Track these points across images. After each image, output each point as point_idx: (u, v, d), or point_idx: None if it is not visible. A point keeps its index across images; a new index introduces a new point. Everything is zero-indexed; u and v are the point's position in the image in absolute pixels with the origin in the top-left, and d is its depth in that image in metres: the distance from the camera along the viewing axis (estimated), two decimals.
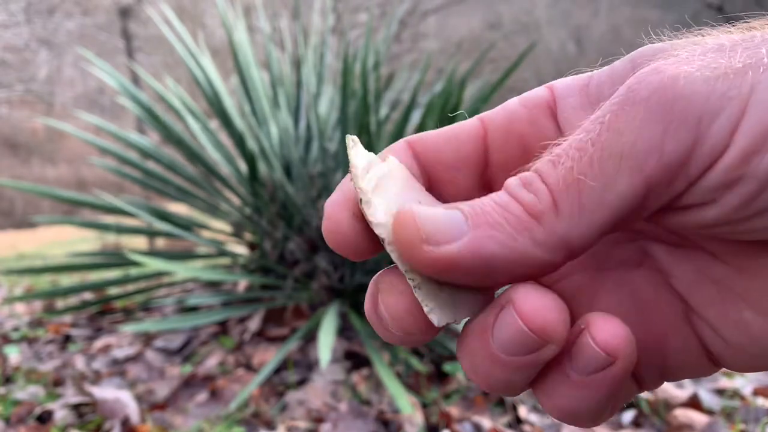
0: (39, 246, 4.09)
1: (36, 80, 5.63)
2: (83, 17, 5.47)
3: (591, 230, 0.17)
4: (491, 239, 0.17)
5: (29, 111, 5.81)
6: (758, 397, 1.12)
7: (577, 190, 0.17)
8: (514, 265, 0.17)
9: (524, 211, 0.17)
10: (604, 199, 0.17)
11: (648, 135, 0.17)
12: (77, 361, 1.28)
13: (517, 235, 0.17)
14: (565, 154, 0.17)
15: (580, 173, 0.17)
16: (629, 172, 0.17)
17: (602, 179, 0.17)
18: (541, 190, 0.17)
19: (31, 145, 6.54)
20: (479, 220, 0.17)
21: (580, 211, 0.17)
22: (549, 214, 0.17)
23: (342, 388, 1.13)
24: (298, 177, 1.48)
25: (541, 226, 0.17)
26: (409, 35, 6.17)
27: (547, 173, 0.17)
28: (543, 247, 0.17)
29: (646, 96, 0.17)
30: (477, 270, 0.17)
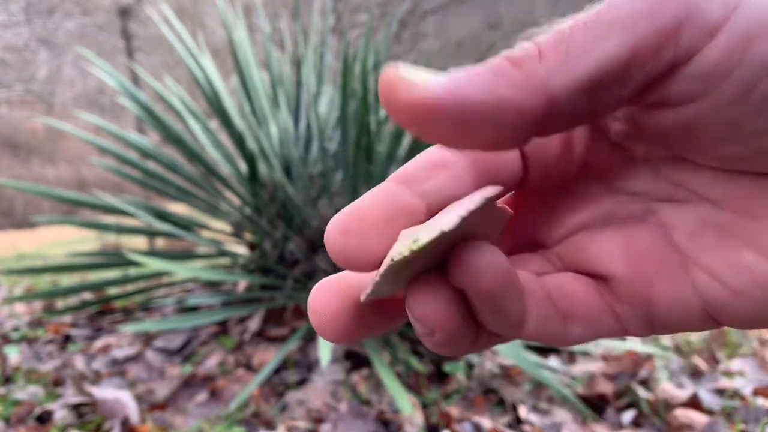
0: (39, 246, 4.09)
1: (36, 80, 5.63)
2: (83, 17, 5.47)
3: (572, 81, 0.17)
4: (470, 84, 0.16)
5: (29, 111, 5.81)
6: (758, 397, 1.12)
7: (564, 44, 0.17)
8: (491, 108, 0.16)
9: (508, 61, 0.17)
10: (588, 54, 0.17)
11: (643, 4, 0.17)
12: (77, 361, 1.28)
13: (496, 79, 0.17)
14: (562, 24, 0.17)
15: (572, 33, 0.17)
16: (619, 33, 0.17)
17: (592, 36, 0.17)
18: (530, 46, 0.17)
19: (30, 145, 6.54)
20: (463, 71, 0.17)
21: (563, 61, 0.17)
22: (531, 59, 0.17)
23: (342, 388, 1.13)
24: (298, 177, 1.48)
25: (520, 70, 0.17)
26: (409, 35, 6.17)
27: (541, 37, 0.18)
28: (520, 89, 0.17)
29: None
30: (454, 115, 0.16)
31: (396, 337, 1.27)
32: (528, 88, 0.17)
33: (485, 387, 1.16)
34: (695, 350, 1.40)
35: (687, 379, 1.22)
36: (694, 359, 1.31)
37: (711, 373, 1.25)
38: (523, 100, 0.17)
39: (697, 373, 1.25)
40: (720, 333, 1.46)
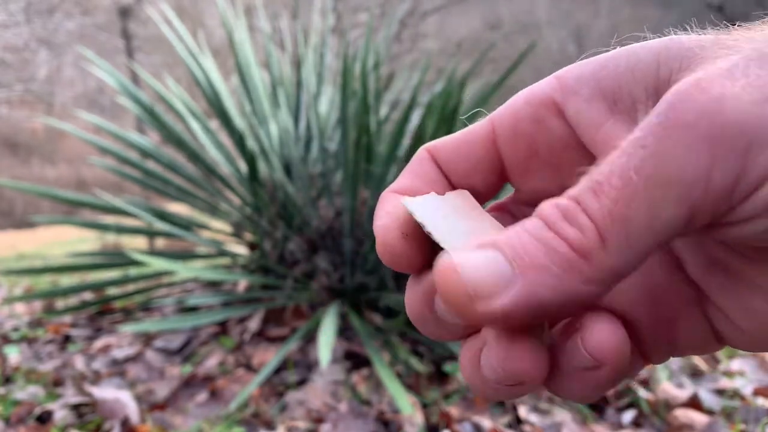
0: (39, 246, 4.09)
1: (36, 80, 5.63)
2: (83, 17, 5.47)
3: (638, 257, 0.17)
4: (541, 285, 0.16)
5: (29, 111, 5.80)
6: (758, 397, 1.12)
7: (623, 221, 0.16)
8: (567, 305, 0.17)
9: (570, 249, 0.16)
10: (650, 229, 0.16)
11: (695, 163, 0.16)
12: (77, 361, 1.28)
13: (567, 276, 0.16)
14: (608, 183, 0.17)
15: (626, 204, 0.16)
16: (676, 200, 0.16)
17: (648, 208, 0.16)
18: (585, 224, 0.17)
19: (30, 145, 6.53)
20: (524, 262, 0.17)
21: (627, 243, 0.16)
22: (597, 249, 0.16)
23: (342, 388, 1.13)
24: (298, 177, 1.48)
25: (589, 264, 0.16)
26: (409, 35, 6.17)
27: (589, 204, 0.17)
28: (594, 284, 0.17)
29: (692, 121, 0.16)
30: (530, 317, 0.17)
31: (396, 337, 1.27)
32: (599, 281, 0.17)
33: None
34: None
35: (687, 379, 1.22)
36: (694, 359, 1.31)
37: (711, 373, 1.25)
38: (596, 290, 0.17)
39: (698, 373, 1.25)
40: None
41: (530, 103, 0.21)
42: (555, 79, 0.21)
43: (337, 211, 1.42)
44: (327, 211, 1.43)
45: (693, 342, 0.21)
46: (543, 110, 0.21)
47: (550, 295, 0.16)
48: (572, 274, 0.16)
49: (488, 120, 0.22)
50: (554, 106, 0.21)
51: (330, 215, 1.42)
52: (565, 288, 0.16)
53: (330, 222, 1.42)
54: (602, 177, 0.17)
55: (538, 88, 0.22)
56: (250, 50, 1.65)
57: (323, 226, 1.42)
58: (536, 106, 0.21)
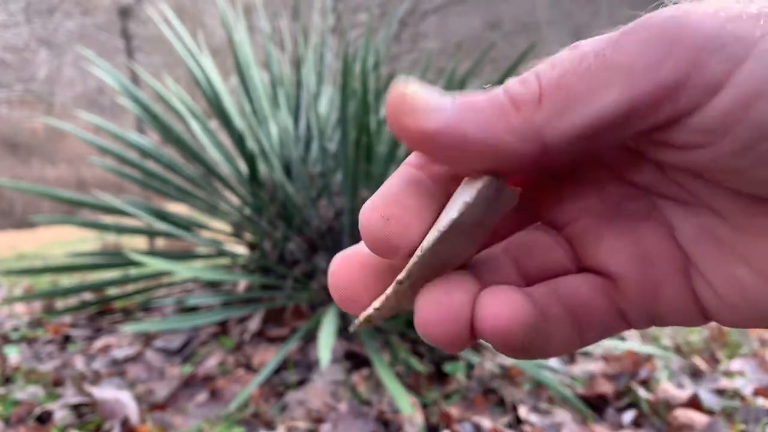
0: (39, 246, 4.09)
1: (35, 80, 5.63)
2: (83, 17, 5.47)
3: (568, 129, 0.17)
4: (470, 120, 0.17)
5: (29, 111, 5.81)
6: (758, 398, 1.12)
7: (565, 89, 0.17)
8: (487, 148, 0.17)
9: (507, 98, 0.18)
10: (588, 103, 0.17)
11: (648, 55, 0.17)
12: (77, 362, 1.28)
13: (494, 119, 0.17)
14: (567, 59, 0.18)
15: (574, 77, 0.17)
16: (620, 84, 0.17)
17: (593, 85, 0.17)
18: (531, 83, 0.18)
19: (30, 145, 6.54)
20: (465, 103, 0.18)
21: (562, 109, 0.17)
22: (531, 104, 0.17)
23: (342, 388, 1.13)
24: (298, 177, 1.48)
25: (518, 115, 0.17)
26: (409, 35, 6.17)
27: (544, 72, 0.18)
28: (516, 134, 0.17)
29: (657, 22, 0.17)
30: (452, 147, 0.18)
31: (396, 337, 1.27)
32: (523, 135, 0.17)
33: (485, 387, 1.16)
34: (695, 350, 1.40)
35: (687, 379, 1.22)
36: (694, 359, 1.31)
37: (711, 373, 1.25)
38: (518, 144, 0.17)
39: (698, 373, 1.25)
40: (720, 333, 1.46)
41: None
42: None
43: (337, 211, 1.42)
44: (327, 211, 1.43)
45: (676, 309, 0.21)
46: None
47: (474, 130, 0.17)
48: (499, 119, 0.17)
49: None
50: None
51: (330, 215, 1.42)
52: (489, 129, 0.17)
53: (330, 222, 1.42)
54: (564, 55, 0.18)
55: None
56: (250, 50, 1.65)
57: (323, 226, 1.42)
58: None
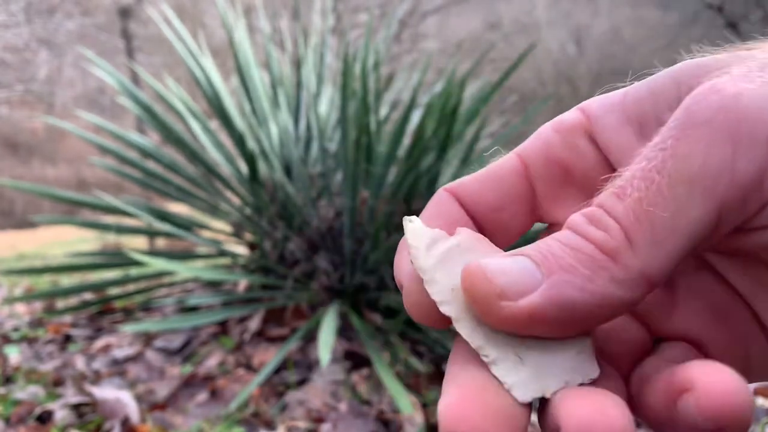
0: (39, 246, 4.10)
1: (36, 80, 5.63)
2: (83, 17, 5.47)
3: (668, 260, 0.16)
4: (568, 284, 0.16)
5: (29, 111, 5.80)
6: (758, 397, 1.12)
7: (648, 221, 0.16)
8: (596, 308, 0.16)
9: (597, 249, 0.16)
10: (677, 227, 0.16)
11: (717, 156, 0.16)
12: (77, 361, 1.28)
13: (594, 277, 0.16)
14: (630, 186, 0.17)
15: (650, 204, 0.16)
16: (701, 196, 0.16)
17: (674, 207, 0.16)
18: (610, 225, 0.17)
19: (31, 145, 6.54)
20: (551, 264, 0.17)
21: (655, 243, 0.16)
22: (624, 249, 0.16)
23: (342, 388, 1.13)
24: (298, 177, 1.48)
25: (617, 264, 0.16)
26: (409, 35, 6.18)
27: (613, 207, 0.17)
28: (623, 285, 0.16)
29: (709, 117, 0.16)
30: (559, 319, 0.16)
31: (396, 337, 1.27)
32: (628, 282, 0.16)
33: None
34: None
35: None
36: None
37: None
38: (629, 294, 0.16)
39: None
40: None
41: (559, 131, 0.21)
42: (579, 110, 0.21)
43: (337, 211, 1.42)
44: (327, 211, 1.43)
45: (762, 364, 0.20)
46: (574, 136, 0.21)
47: (578, 295, 0.16)
48: (600, 274, 0.16)
49: (514, 154, 0.22)
50: (585, 132, 0.21)
51: (330, 215, 1.42)
52: (593, 288, 0.16)
53: (330, 222, 1.42)
54: (624, 181, 0.17)
55: (564, 117, 0.22)
56: (250, 50, 1.65)
57: (323, 226, 1.42)
58: (566, 133, 0.21)
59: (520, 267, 0.17)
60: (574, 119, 0.21)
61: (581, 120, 0.21)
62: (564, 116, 0.22)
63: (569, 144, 0.21)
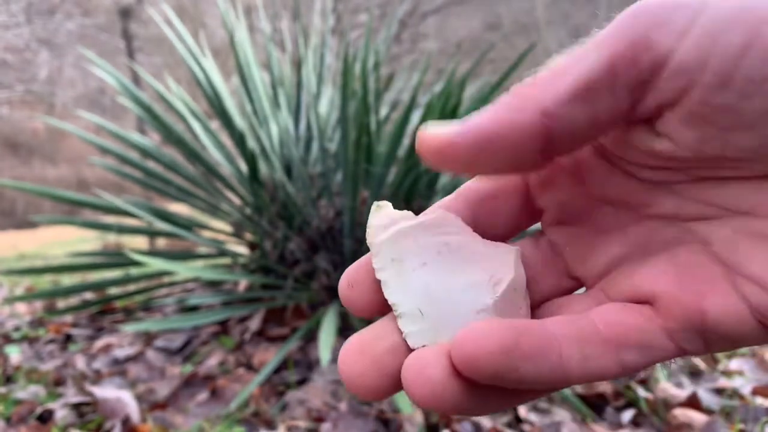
0: (40, 246, 4.10)
1: (36, 80, 5.63)
2: (84, 18, 5.47)
3: (561, 93, 0.19)
4: (481, 118, 0.19)
5: (30, 111, 5.81)
6: (757, 397, 1.12)
7: (553, 68, 0.19)
8: (498, 133, 0.19)
9: (510, 92, 0.20)
10: (572, 70, 0.19)
11: (618, 27, 0.19)
12: (78, 361, 1.29)
13: (500, 107, 0.19)
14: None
15: (561, 58, 0.20)
16: (596, 50, 0.19)
17: (574, 57, 0.19)
18: (530, 77, 0.20)
19: (31, 145, 6.54)
20: (479, 113, 0.20)
21: (552, 80, 0.19)
22: (527, 86, 0.19)
23: (342, 387, 1.13)
24: (298, 177, 1.48)
25: (517, 96, 0.19)
26: (409, 36, 6.18)
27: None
28: (518, 110, 0.19)
29: (629, 11, 0.19)
30: (470, 145, 0.19)
31: None
32: (524, 108, 0.19)
33: None
34: None
35: (686, 378, 1.22)
36: (693, 359, 1.31)
37: (710, 372, 1.25)
38: (522, 118, 0.19)
39: (697, 372, 1.25)
40: None
41: None
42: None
43: (337, 211, 1.43)
44: (327, 211, 1.43)
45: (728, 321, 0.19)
46: None
47: (485, 123, 0.19)
48: (502, 106, 0.19)
49: None
50: None
51: (330, 215, 1.43)
52: (496, 117, 0.19)
53: (330, 222, 1.42)
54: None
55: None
56: (251, 51, 1.65)
57: (323, 226, 1.43)
58: None
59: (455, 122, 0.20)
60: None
61: None
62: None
63: None
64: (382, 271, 0.20)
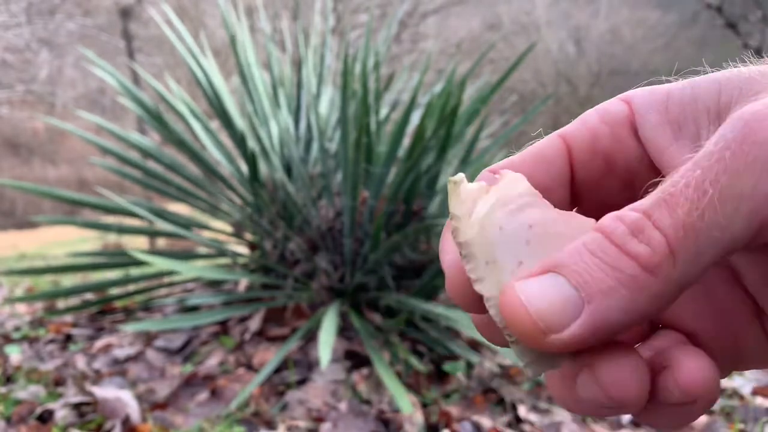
0: (40, 246, 4.10)
1: (37, 81, 5.64)
2: (84, 18, 5.48)
3: (703, 270, 0.17)
4: (610, 309, 0.16)
5: (30, 111, 5.80)
6: (757, 397, 1.12)
7: (695, 235, 0.16)
8: (634, 324, 0.17)
9: (639, 267, 0.16)
10: (719, 242, 0.16)
11: (765, 178, 0.16)
12: (78, 361, 1.29)
13: (636, 297, 0.16)
14: (682, 195, 0.17)
15: (700, 217, 0.16)
16: (747, 214, 0.16)
17: (719, 222, 0.16)
18: (655, 239, 0.16)
19: (32, 145, 6.54)
20: (591, 288, 0.17)
21: (696, 256, 0.16)
22: (667, 264, 0.16)
23: (342, 387, 1.13)
24: (298, 177, 1.49)
25: (657, 279, 0.16)
26: (409, 36, 6.19)
27: (661, 219, 0.17)
28: (661, 299, 0.17)
29: (763, 138, 0.17)
30: (600, 339, 0.17)
31: (396, 336, 1.28)
32: (666, 296, 0.17)
33: (485, 386, 1.17)
34: None
35: None
36: None
37: None
38: (663, 304, 0.17)
39: None
40: None
41: (607, 123, 0.22)
42: (624, 102, 0.22)
43: (337, 211, 1.43)
44: (327, 211, 1.43)
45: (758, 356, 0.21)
46: (621, 129, 0.22)
47: (619, 317, 0.16)
48: (642, 294, 0.16)
49: (557, 137, 0.22)
50: (630, 125, 0.22)
51: (330, 215, 1.43)
52: (634, 308, 0.16)
53: (330, 222, 1.43)
54: (676, 189, 0.17)
55: (611, 107, 0.22)
56: (251, 51, 1.65)
57: (323, 226, 1.43)
58: (614, 126, 0.22)
59: (558, 293, 0.17)
60: (620, 111, 0.22)
61: (627, 113, 0.22)
62: (610, 107, 0.22)
63: (616, 136, 0.22)
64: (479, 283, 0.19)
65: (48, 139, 6.50)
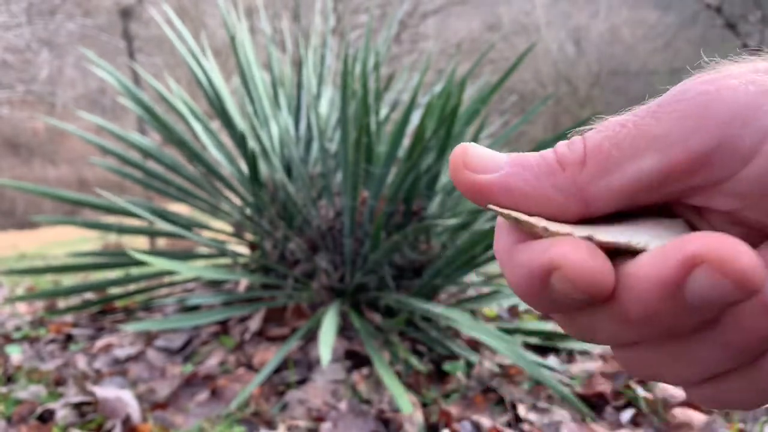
0: (40, 246, 4.10)
1: (37, 81, 5.63)
2: (84, 18, 5.48)
3: (607, 191, 0.19)
4: (519, 176, 0.20)
5: (30, 111, 5.80)
6: None
7: (606, 153, 0.19)
8: (533, 201, 0.20)
9: (556, 159, 0.20)
10: (625, 168, 0.19)
11: (680, 127, 0.18)
12: (79, 361, 1.29)
13: (542, 177, 0.20)
14: (610, 126, 0.20)
15: (615, 142, 0.19)
16: (654, 153, 0.19)
17: (631, 151, 0.19)
18: (577, 146, 0.20)
19: (32, 145, 6.54)
20: (517, 162, 0.20)
21: (603, 171, 0.19)
22: (575, 165, 0.19)
23: (342, 387, 1.13)
24: (298, 177, 1.49)
25: (564, 174, 0.19)
26: (409, 36, 6.19)
27: (589, 136, 0.20)
28: (560, 192, 0.19)
29: (690, 96, 0.19)
30: (503, 199, 0.20)
31: (396, 336, 1.28)
32: (566, 192, 0.19)
33: (485, 386, 1.17)
34: None
35: None
36: None
37: None
38: (563, 200, 0.19)
39: None
40: None
41: None
42: None
43: (338, 212, 1.43)
44: (327, 211, 1.44)
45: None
46: None
47: (522, 186, 0.20)
48: (548, 178, 0.20)
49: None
50: None
51: (330, 215, 1.43)
52: (536, 185, 0.20)
53: (330, 222, 1.43)
54: (608, 122, 0.20)
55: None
56: (252, 51, 1.66)
57: (323, 226, 1.43)
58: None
59: (493, 156, 0.21)
60: None
61: None
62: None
63: None
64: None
65: (48, 139, 6.50)
